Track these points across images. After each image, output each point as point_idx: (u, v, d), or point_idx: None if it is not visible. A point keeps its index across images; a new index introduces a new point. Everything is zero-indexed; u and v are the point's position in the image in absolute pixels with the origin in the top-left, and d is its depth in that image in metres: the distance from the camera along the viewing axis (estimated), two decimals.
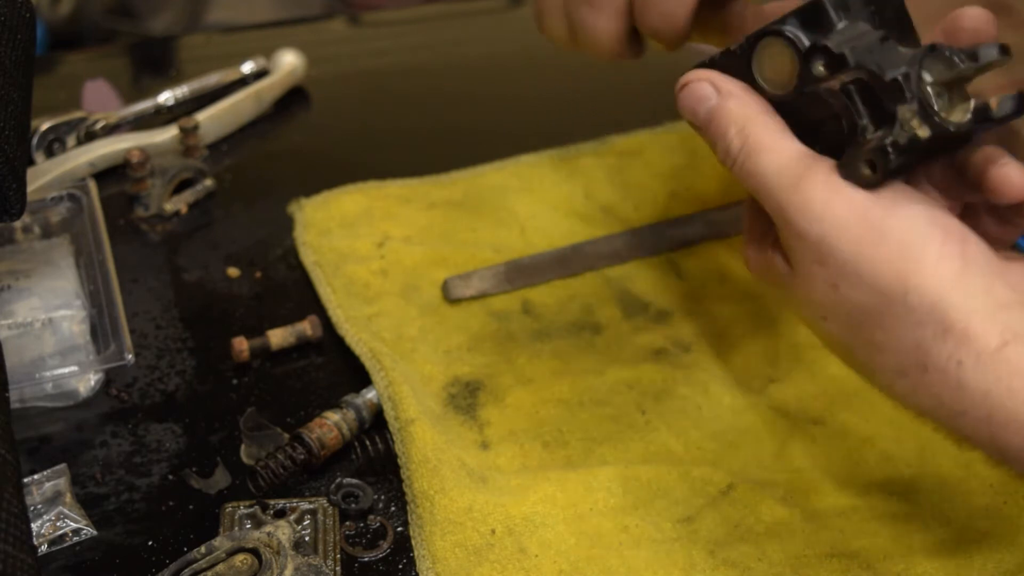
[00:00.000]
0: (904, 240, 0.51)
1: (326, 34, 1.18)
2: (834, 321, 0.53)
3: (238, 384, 0.75)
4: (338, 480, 0.67)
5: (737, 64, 0.57)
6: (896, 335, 0.51)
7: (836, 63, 0.52)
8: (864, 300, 0.51)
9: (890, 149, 0.51)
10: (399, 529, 0.66)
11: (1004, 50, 0.52)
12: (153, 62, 1.12)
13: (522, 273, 0.82)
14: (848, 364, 0.56)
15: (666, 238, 0.85)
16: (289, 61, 1.01)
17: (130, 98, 0.99)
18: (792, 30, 0.54)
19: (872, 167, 0.52)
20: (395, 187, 0.90)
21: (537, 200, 0.89)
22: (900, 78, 0.51)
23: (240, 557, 0.59)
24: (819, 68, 0.53)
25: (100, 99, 1.00)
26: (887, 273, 0.50)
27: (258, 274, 0.83)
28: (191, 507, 0.66)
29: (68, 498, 0.65)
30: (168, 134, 0.92)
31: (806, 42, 0.54)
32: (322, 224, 0.86)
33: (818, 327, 0.55)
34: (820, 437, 0.71)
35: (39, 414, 0.71)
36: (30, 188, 0.81)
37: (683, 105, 0.58)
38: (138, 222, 0.87)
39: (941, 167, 0.56)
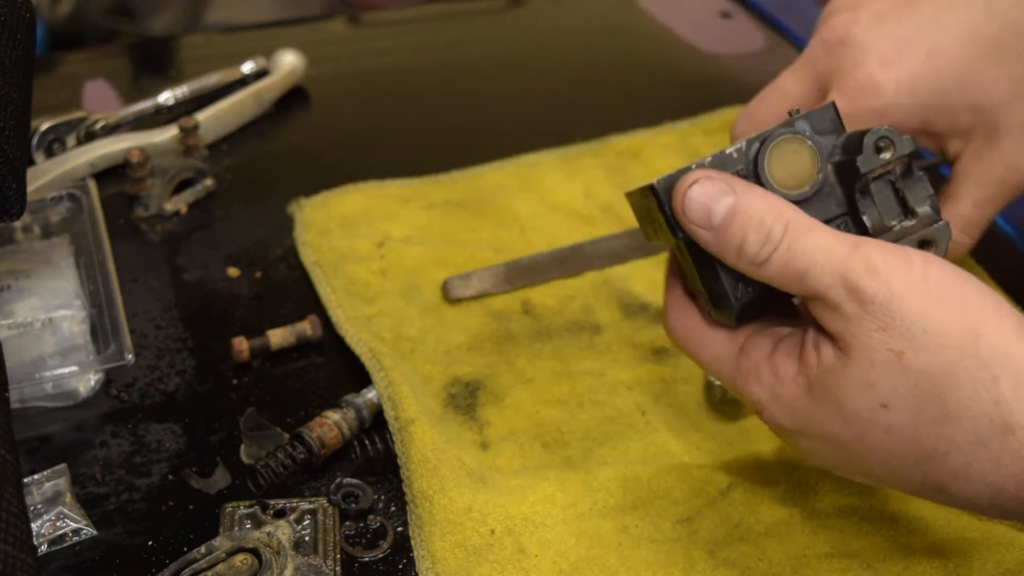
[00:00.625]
0: (964, 297, 0.50)
1: (326, 34, 1.18)
2: (898, 402, 0.50)
3: (238, 384, 0.75)
4: (338, 480, 0.67)
5: (735, 165, 0.54)
6: (972, 395, 0.49)
7: (894, 145, 0.53)
8: (933, 364, 0.49)
9: (947, 227, 0.53)
10: (399, 529, 0.66)
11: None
12: (153, 62, 1.12)
13: (522, 273, 0.82)
14: (910, 467, 0.51)
15: None
16: (289, 61, 1.01)
17: (130, 98, 0.99)
18: (809, 132, 0.54)
19: (928, 247, 0.53)
20: (395, 187, 0.90)
21: (537, 200, 0.89)
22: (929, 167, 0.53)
23: (240, 557, 0.59)
24: (879, 154, 0.53)
25: (100, 99, 1.00)
26: (956, 328, 0.49)
27: (258, 274, 0.83)
28: (191, 507, 0.66)
29: (68, 498, 0.65)
30: (168, 134, 0.92)
31: (822, 142, 0.54)
32: (322, 224, 0.86)
33: (876, 421, 0.51)
34: None
35: (39, 414, 0.71)
36: (30, 188, 0.81)
37: (695, 203, 0.53)
38: (138, 222, 0.87)
39: None
